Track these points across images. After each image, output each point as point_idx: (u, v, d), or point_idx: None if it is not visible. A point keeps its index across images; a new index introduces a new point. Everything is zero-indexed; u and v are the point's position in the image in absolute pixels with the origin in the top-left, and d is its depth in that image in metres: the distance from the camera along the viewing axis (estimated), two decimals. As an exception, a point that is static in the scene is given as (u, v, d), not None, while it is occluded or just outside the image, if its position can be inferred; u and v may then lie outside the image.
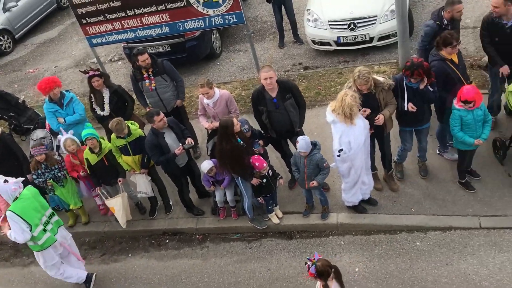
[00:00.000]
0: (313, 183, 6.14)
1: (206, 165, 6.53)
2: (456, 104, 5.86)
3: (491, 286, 5.44)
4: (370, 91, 5.83)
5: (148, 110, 7.53)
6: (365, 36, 9.18)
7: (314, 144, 6.06)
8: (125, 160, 6.95)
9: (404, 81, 5.94)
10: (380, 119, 5.82)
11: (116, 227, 7.38)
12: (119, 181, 7.03)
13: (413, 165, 6.96)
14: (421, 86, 5.82)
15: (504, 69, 6.48)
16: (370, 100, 5.84)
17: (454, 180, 6.61)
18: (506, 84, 6.52)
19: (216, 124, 6.67)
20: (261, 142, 6.52)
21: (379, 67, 8.81)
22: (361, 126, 5.75)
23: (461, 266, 5.76)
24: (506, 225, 6.01)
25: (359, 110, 5.69)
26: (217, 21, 8.19)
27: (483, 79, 7.82)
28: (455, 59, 6.18)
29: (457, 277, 5.66)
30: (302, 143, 5.94)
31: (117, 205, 7.04)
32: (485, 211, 6.20)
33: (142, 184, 7.06)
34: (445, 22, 6.53)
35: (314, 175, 6.14)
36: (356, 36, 9.21)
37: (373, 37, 9.19)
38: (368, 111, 5.80)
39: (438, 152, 7.04)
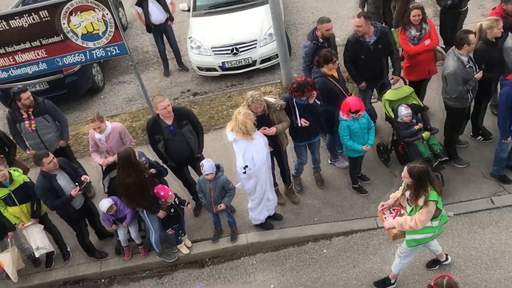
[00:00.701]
0: (221, 206, 6.14)
1: (105, 203, 6.19)
2: (342, 115, 6.30)
3: (394, 279, 5.86)
4: (264, 112, 6.05)
5: (29, 153, 6.98)
6: (248, 59, 9.52)
7: (218, 167, 6.09)
8: (11, 212, 6.28)
9: (294, 99, 6.25)
10: (272, 130, 6.06)
11: (9, 285, 6.65)
12: (9, 235, 6.37)
13: (309, 177, 7.31)
14: (310, 101, 6.17)
15: (362, 86, 7.17)
16: (264, 121, 6.06)
17: (348, 186, 7.07)
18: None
19: (110, 159, 6.40)
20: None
21: (265, 88, 9.18)
22: (261, 142, 5.93)
23: (366, 266, 6.14)
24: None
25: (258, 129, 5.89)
26: (98, 54, 7.90)
27: (357, 89, 8.53)
28: (335, 74, 6.68)
29: (365, 277, 6.02)
30: (207, 165, 5.93)
31: (6, 260, 6.36)
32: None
33: (38, 238, 6.42)
34: (321, 40, 6.99)
35: (221, 198, 6.15)
36: (240, 60, 9.51)
37: (255, 60, 9.56)
38: (267, 129, 6.00)
39: (330, 161, 7.49)
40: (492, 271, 5.77)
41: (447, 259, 5.88)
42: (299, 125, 6.28)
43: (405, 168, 4.81)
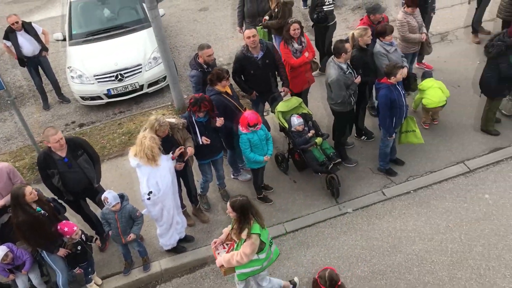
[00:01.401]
0: (130, 236, 5.90)
1: (-1, 252, 5.60)
2: (242, 129, 6.48)
3: (310, 281, 6.11)
4: (168, 134, 5.99)
5: None
6: (134, 84, 9.33)
7: (122, 196, 5.86)
8: None
9: (193, 118, 6.29)
10: (191, 150, 6.07)
11: None
12: None
13: (215, 194, 7.35)
14: (218, 124, 6.29)
15: (253, 96, 7.47)
16: (170, 142, 6.00)
17: (254, 197, 7.22)
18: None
19: (0, 202, 5.82)
20: None
21: (156, 112, 9.06)
22: (166, 166, 5.83)
23: (282, 271, 6.31)
24: (305, 224, 6.86)
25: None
26: (-32, 91, 7.19)
27: (250, 104, 8.83)
28: (229, 91, 6.86)
29: (282, 282, 6.19)
30: (111, 196, 5.68)
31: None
32: (286, 217, 6.96)
33: None
34: (205, 66, 7.03)
35: (129, 227, 5.91)
36: (126, 86, 9.29)
37: (142, 85, 9.41)
38: (189, 149, 6.08)
39: (232, 176, 7.61)
40: (394, 256, 6.30)
41: (295, 285, 5.99)
42: (200, 143, 6.32)
43: (228, 202, 4.86)
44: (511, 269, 5.92)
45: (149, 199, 5.83)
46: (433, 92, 7.47)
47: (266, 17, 8.69)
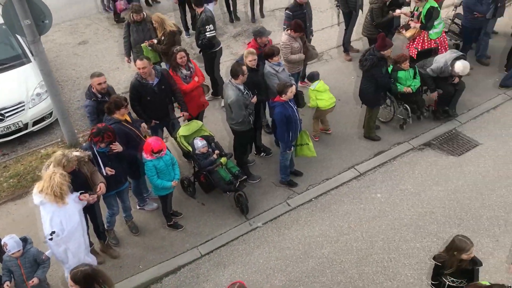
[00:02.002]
0: (33, 281, 5.45)
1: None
2: (146, 156, 6.40)
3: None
4: (75, 169, 5.70)
5: None
6: (17, 124, 8.68)
7: (25, 240, 5.42)
8: None
9: (95, 149, 6.08)
10: (102, 188, 5.82)
11: None
12: None
13: (122, 227, 7.10)
14: (115, 149, 6.13)
15: (151, 124, 7.41)
16: (79, 177, 5.72)
17: (163, 225, 7.13)
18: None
19: None
20: None
21: (46, 150, 8.51)
22: (74, 205, 5.53)
23: (203, 294, 6.29)
24: (219, 244, 6.92)
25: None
26: None
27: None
28: (128, 118, 6.75)
29: (205, 305, 6.16)
30: (12, 243, 5.25)
31: None
32: (199, 240, 6.96)
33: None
34: (99, 96, 6.92)
35: (33, 272, 5.46)
36: (8, 126, 8.60)
37: (27, 123, 8.78)
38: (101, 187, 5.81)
39: (138, 207, 7.42)
40: (306, 262, 6.62)
41: None
42: (105, 174, 6.12)
43: (69, 276, 4.58)
44: (409, 257, 6.56)
45: (51, 239, 5.47)
46: (326, 94, 8.06)
47: (154, 40, 8.74)
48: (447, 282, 5.01)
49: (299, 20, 8.45)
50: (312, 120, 8.44)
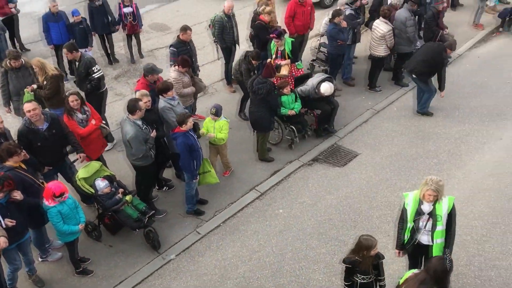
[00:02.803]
0: None
1: None
2: (48, 203, 6.13)
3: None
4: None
5: None
6: None
7: None
8: None
9: (-10, 202, 5.69)
10: (2, 243, 5.38)
11: None
12: None
13: (26, 282, 6.62)
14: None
15: (45, 171, 7.15)
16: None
17: (72, 273, 6.83)
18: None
19: None
20: None
21: None
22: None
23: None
24: (134, 283, 6.84)
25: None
26: None
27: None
28: (22, 165, 6.42)
29: None
30: None
31: None
32: (112, 283, 6.78)
33: None
34: None
35: None
36: None
37: None
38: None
39: (41, 259, 6.99)
40: (225, 284, 6.80)
41: None
42: (4, 226, 5.73)
43: None
44: (317, 263, 7.08)
45: None
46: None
47: (34, 86, 8.38)
48: (359, 281, 5.52)
49: (185, 56, 8.82)
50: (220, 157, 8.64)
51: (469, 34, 13.11)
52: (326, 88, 9.01)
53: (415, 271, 5.09)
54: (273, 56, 9.91)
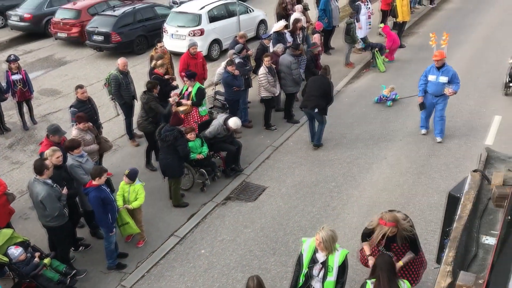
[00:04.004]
0: None
1: None
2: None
3: None
4: None
5: None
6: None
7: None
8: None
9: None
10: None
11: None
12: None
13: None
14: None
15: None
16: None
17: None
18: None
19: None
20: None
21: None
22: None
23: None
24: None
25: None
26: None
27: None
28: None
29: None
30: None
31: None
32: None
33: None
34: None
35: None
36: None
37: None
38: None
39: None
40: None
41: None
42: None
43: None
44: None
45: None
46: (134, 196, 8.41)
47: None
48: None
49: (81, 113, 8.92)
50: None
51: (343, 72, 14.79)
52: (235, 121, 9.65)
53: None
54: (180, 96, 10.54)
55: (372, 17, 15.74)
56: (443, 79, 10.32)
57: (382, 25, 15.93)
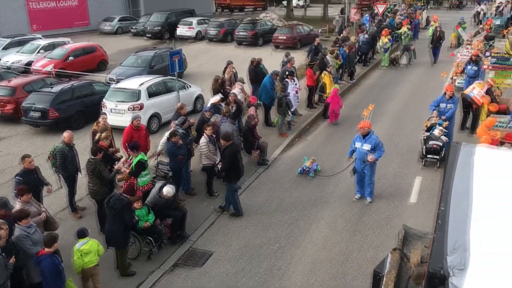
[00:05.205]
0: None
1: None
2: None
3: None
4: None
5: None
6: None
7: None
8: None
9: None
10: None
11: None
12: None
13: None
14: None
15: None
16: None
17: None
18: None
19: None
20: None
21: None
22: None
23: None
24: None
25: None
26: None
27: None
28: None
29: None
30: None
31: None
32: None
33: None
34: None
35: None
36: None
37: None
38: None
39: None
40: None
41: None
42: None
43: None
44: None
45: None
46: (90, 255, 8.43)
47: None
48: None
49: (22, 185, 8.96)
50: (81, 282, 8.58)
51: (278, 141, 15.78)
52: (167, 189, 9.96)
53: None
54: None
55: (300, 92, 17.21)
56: (367, 146, 11.43)
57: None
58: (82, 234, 8.22)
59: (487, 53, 19.15)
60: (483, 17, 39.60)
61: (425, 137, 13.54)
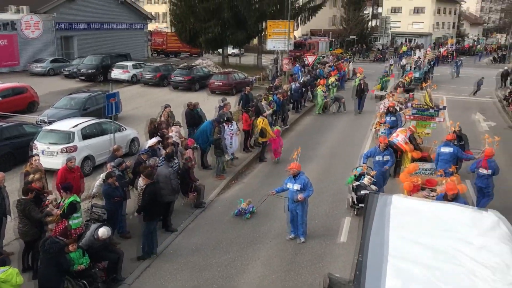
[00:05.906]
0: None
1: None
2: None
3: None
4: None
5: None
6: None
7: None
8: None
9: None
10: None
11: None
12: None
13: None
14: None
15: None
16: None
17: None
18: None
19: None
20: None
21: None
22: None
23: None
24: None
25: None
26: None
27: None
28: None
29: None
30: None
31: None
32: None
33: None
34: None
35: None
36: None
37: None
38: None
39: None
40: None
41: None
42: None
43: None
44: None
45: None
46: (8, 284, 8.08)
47: None
48: None
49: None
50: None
51: (215, 183, 16.03)
52: (103, 232, 9.86)
53: None
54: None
55: (238, 135, 17.84)
56: (297, 186, 11.99)
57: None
58: (2, 262, 7.97)
59: (409, 104, 20.83)
60: (404, 70, 42.63)
61: (355, 186, 14.13)
